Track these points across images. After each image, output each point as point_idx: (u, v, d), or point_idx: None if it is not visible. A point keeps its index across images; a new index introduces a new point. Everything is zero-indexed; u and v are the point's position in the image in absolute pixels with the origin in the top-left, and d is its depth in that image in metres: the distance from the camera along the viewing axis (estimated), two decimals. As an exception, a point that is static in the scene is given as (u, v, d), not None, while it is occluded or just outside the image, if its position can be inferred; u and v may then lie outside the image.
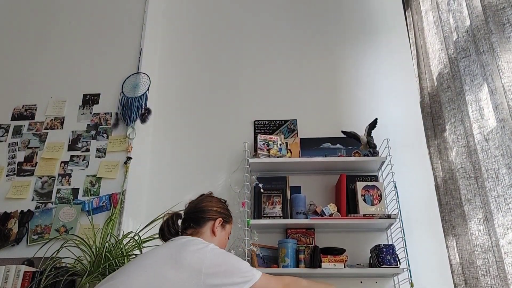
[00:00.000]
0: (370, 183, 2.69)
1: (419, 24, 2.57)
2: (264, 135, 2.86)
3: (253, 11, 3.51)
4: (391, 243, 2.61)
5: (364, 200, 2.64)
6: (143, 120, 2.81)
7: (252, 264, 2.57)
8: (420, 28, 2.54)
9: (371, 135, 2.79)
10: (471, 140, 1.80)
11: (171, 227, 1.78)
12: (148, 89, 2.87)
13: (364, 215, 2.57)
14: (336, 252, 2.52)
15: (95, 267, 2.04)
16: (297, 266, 2.51)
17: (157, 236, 2.24)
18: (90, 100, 2.89)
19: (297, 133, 3.01)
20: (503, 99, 1.55)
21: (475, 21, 1.76)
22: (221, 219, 1.82)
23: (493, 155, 1.62)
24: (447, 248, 2.50)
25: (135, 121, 2.76)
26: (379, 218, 2.54)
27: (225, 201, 1.96)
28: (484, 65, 1.66)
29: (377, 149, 2.75)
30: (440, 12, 2.12)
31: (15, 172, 2.69)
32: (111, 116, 2.82)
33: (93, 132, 2.77)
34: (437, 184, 2.28)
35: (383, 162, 2.72)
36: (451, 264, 2.18)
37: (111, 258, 2.06)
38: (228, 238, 1.90)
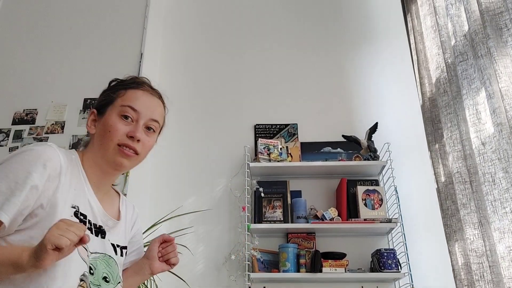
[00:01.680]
0: (370, 187, 2.69)
1: (418, 29, 2.57)
2: (264, 139, 2.86)
3: (254, 16, 3.52)
4: (392, 247, 2.61)
5: (365, 205, 2.63)
6: (144, 125, 2.81)
7: (253, 269, 2.56)
8: (419, 32, 2.55)
9: (372, 139, 2.79)
10: (467, 144, 1.80)
11: None
12: (148, 94, 2.87)
13: (365, 220, 2.57)
14: (337, 256, 2.52)
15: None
16: (298, 271, 2.51)
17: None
18: (91, 104, 2.90)
19: (297, 137, 3.01)
20: (501, 103, 1.55)
21: (473, 26, 1.76)
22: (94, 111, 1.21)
23: (490, 159, 1.62)
24: (449, 253, 2.49)
25: (135, 125, 2.76)
26: (380, 222, 2.54)
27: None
28: (481, 69, 1.65)
29: (378, 153, 2.75)
30: (437, 16, 2.12)
31: (16, 176, 2.69)
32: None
33: (94, 137, 2.78)
34: (439, 189, 2.27)
35: (383, 166, 2.72)
36: (453, 270, 2.17)
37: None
38: (125, 117, 1.16)
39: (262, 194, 2.75)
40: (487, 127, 1.67)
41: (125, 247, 1.24)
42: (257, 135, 3.04)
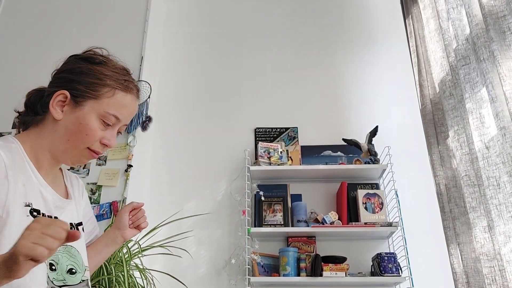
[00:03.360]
0: (371, 191, 2.68)
1: (420, 32, 2.57)
2: (265, 143, 2.86)
3: (254, 20, 3.52)
4: (392, 251, 2.60)
5: (365, 208, 2.63)
6: (144, 128, 2.81)
7: (253, 273, 2.56)
8: (421, 36, 2.55)
9: (372, 142, 2.79)
10: (473, 147, 1.80)
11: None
12: (149, 97, 2.87)
13: (365, 223, 2.56)
14: (337, 260, 2.51)
15: (94, 276, 2.03)
16: (298, 275, 2.50)
17: (157, 245, 2.22)
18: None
19: (298, 140, 3.01)
20: (504, 106, 1.55)
21: (475, 29, 1.76)
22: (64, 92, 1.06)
23: (494, 162, 1.61)
24: (450, 256, 2.49)
25: (136, 128, 2.76)
26: (381, 226, 2.54)
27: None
28: (484, 73, 1.66)
29: (378, 156, 2.75)
30: (440, 20, 2.12)
31: (16, 180, 2.68)
32: (111, 123, 2.81)
33: (93, 140, 2.77)
34: (440, 192, 2.27)
35: (384, 170, 2.72)
36: (454, 273, 2.16)
37: (109, 267, 2.05)
38: (105, 124, 1.08)
39: (263, 198, 2.75)
40: (491, 131, 1.67)
41: (80, 223, 1.17)
42: (257, 138, 3.04)
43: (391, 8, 3.38)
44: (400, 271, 2.45)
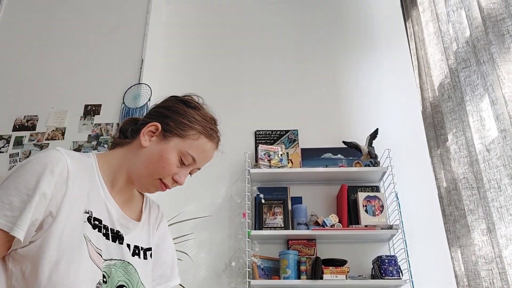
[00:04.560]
0: (371, 194, 2.68)
1: (419, 35, 2.58)
2: (265, 145, 2.86)
3: (254, 22, 3.53)
4: (393, 254, 2.60)
5: (366, 211, 2.63)
6: (144, 131, 2.81)
7: (253, 275, 2.55)
8: (421, 39, 2.56)
9: (372, 145, 2.79)
10: (473, 150, 1.80)
11: None
12: (149, 100, 2.87)
13: (365, 226, 2.56)
14: (338, 263, 2.51)
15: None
16: (299, 278, 2.50)
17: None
18: (91, 110, 2.90)
19: (298, 143, 3.01)
20: (504, 109, 1.55)
21: (475, 32, 1.76)
22: (157, 124, 1.13)
23: (495, 165, 1.61)
24: (452, 259, 2.49)
25: (136, 131, 2.75)
26: (381, 229, 2.53)
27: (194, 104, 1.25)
28: (484, 76, 1.66)
29: (378, 159, 2.75)
30: (440, 23, 2.13)
31: (16, 183, 2.68)
32: (112, 126, 2.82)
33: (94, 143, 2.77)
34: (441, 195, 2.27)
35: (384, 173, 2.72)
36: (456, 276, 2.16)
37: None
38: (183, 164, 1.14)
39: (263, 201, 2.74)
40: (492, 134, 1.67)
41: (150, 249, 1.17)
42: (257, 141, 3.04)
43: (392, 11, 3.38)
44: (400, 274, 2.44)
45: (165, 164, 1.10)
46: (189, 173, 1.21)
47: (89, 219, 0.99)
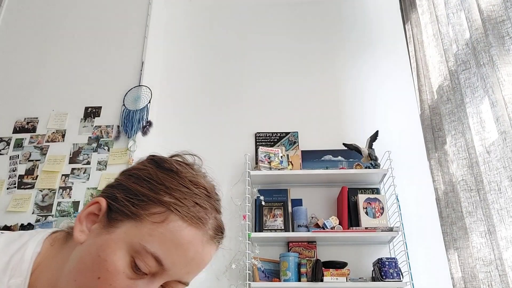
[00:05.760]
0: (372, 196, 2.68)
1: (418, 37, 2.58)
2: (265, 148, 2.86)
3: (254, 25, 3.54)
4: (393, 256, 2.59)
5: (366, 213, 2.62)
6: (144, 133, 2.81)
7: (254, 278, 2.55)
8: (420, 41, 2.56)
9: (373, 147, 2.79)
10: (473, 152, 1.79)
11: None
12: (149, 102, 2.87)
13: (366, 228, 2.56)
14: (338, 265, 2.51)
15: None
16: (299, 280, 2.49)
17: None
18: (91, 113, 2.90)
19: (298, 145, 3.01)
20: (504, 111, 1.55)
21: (475, 34, 1.77)
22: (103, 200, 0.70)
23: (495, 167, 1.61)
24: (448, 261, 2.48)
25: (136, 133, 2.76)
26: (381, 231, 2.53)
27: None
28: (484, 78, 1.66)
29: (379, 161, 2.75)
30: (439, 25, 2.13)
31: (16, 185, 2.69)
32: (112, 128, 2.82)
33: (94, 145, 2.77)
34: (438, 197, 2.27)
35: (384, 175, 2.71)
36: (452, 278, 2.16)
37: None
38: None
39: (263, 203, 2.74)
40: (492, 136, 1.67)
41: None
42: (257, 143, 3.04)
43: (391, 13, 3.39)
44: (401, 276, 2.44)
45: (102, 272, 0.61)
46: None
47: None
